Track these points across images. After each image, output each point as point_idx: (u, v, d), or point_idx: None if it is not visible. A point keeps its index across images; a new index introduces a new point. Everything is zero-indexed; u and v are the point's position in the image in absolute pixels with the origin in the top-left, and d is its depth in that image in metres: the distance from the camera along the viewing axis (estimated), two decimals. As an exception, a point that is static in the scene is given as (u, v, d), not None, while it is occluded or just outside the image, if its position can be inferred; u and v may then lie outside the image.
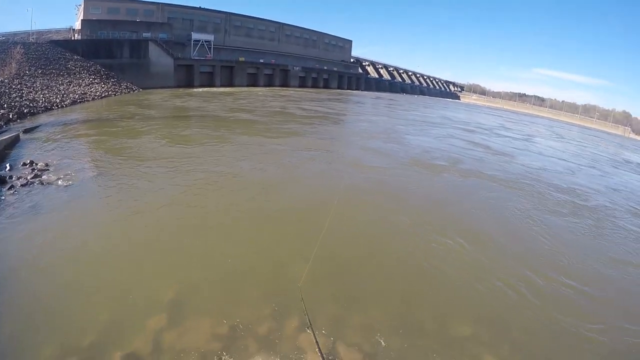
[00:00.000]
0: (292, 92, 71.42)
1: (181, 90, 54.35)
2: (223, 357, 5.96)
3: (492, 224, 13.07)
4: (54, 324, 6.54)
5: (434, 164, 21.09)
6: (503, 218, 13.56)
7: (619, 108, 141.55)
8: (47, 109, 27.51)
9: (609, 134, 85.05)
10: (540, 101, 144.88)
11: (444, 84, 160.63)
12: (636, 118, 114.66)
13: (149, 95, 44.66)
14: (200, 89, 58.76)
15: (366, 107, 61.46)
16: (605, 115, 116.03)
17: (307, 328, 6.07)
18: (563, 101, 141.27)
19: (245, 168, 16.56)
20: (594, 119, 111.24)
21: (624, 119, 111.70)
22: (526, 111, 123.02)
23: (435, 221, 12.47)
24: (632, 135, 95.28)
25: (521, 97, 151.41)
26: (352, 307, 7.72)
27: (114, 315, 6.80)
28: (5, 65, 32.36)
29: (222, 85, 68.78)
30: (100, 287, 7.69)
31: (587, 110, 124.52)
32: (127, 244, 9.45)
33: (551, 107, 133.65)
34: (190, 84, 62.73)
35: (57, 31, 61.60)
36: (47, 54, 42.54)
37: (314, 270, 8.40)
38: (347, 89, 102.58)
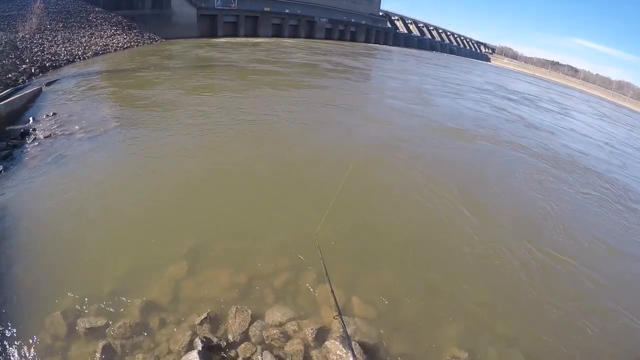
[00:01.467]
0: (318, 44, 70.02)
1: (204, 40, 53.60)
2: (240, 307, 5.96)
3: (519, 199, 12.67)
4: (75, 273, 6.66)
5: (459, 129, 20.44)
6: (532, 196, 12.98)
7: None
8: (69, 62, 27.47)
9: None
10: (573, 71, 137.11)
11: (475, 44, 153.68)
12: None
13: (172, 45, 44.24)
14: (224, 39, 57.91)
15: (394, 62, 59.97)
16: (639, 94, 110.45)
17: (325, 277, 6.00)
18: (597, 74, 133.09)
19: (267, 121, 16.35)
20: (628, 97, 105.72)
21: None
22: (558, 80, 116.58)
23: (458, 190, 12.05)
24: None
25: (554, 66, 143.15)
26: (367, 265, 7.66)
27: (134, 265, 6.89)
28: (26, 21, 32.22)
29: (246, 36, 67.70)
30: (120, 237, 7.79)
31: (621, 87, 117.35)
32: (147, 195, 9.50)
33: (584, 79, 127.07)
34: (213, 34, 61.85)
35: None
36: (68, 7, 42.17)
37: (331, 224, 8.28)
38: (375, 43, 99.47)
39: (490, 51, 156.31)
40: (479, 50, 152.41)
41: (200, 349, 5.10)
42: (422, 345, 6.06)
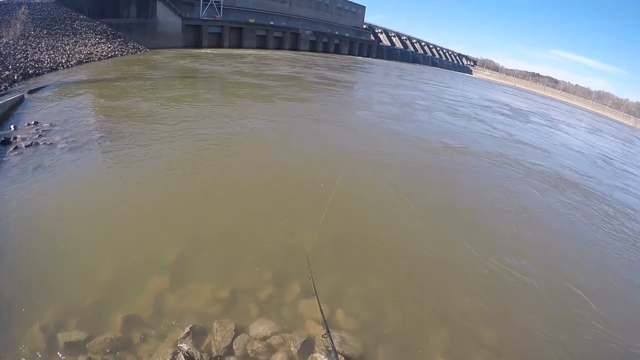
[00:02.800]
0: (301, 55, 70.37)
1: (189, 50, 53.59)
2: (224, 321, 5.95)
3: (505, 207, 12.98)
4: (56, 285, 6.56)
5: (447, 145, 20.79)
6: (524, 204, 13.32)
7: (633, 99, 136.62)
8: (52, 69, 27.21)
9: (619, 123, 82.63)
10: (553, 82, 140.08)
11: (457, 57, 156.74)
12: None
13: (156, 55, 44.07)
14: (209, 50, 57.93)
15: (376, 76, 60.47)
16: (617, 104, 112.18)
17: (313, 295, 6.05)
18: (577, 85, 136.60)
19: (254, 132, 16.43)
20: (607, 107, 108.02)
21: (637, 110, 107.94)
22: (538, 92, 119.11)
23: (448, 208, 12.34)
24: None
25: (534, 77, 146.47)
26: (351, 276, 7.71)
27: (116, 277, 6.81)
28: (10, 27, 31.97)
29: (230, 47, 67.83)
30: (102, 248, 7.67)
31: (601, 97, 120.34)
32: (129, 206, 9.41)
33: (564, 89, 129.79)
34: (198, 45, 61.85)
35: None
36: (53, 14, 41.90)
37: (319, 239, 8.29)
38: (358, 55, 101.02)
39: (472, 63, 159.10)
40: (461, 63, 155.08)
41: (183, 364, 5.07)
42: (407, 355, 6.09)
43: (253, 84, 30.66)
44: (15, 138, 12.48)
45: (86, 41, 39.97)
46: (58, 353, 5.29)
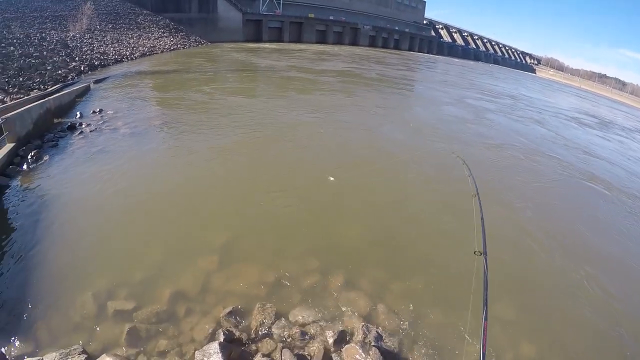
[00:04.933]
0: (360, 50, 70.09)
1: (249, 44, 54.56)
2: (266, 304, 6.02)
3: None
4: (110, 259, 6.92)
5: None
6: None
7: None
8: (117, 61, 28.60)
9: None
10: (620, 85, 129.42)
11: (520, 55, 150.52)
12: None
13: (217, 49, 45.17)
14: (268, 45, 58.77)
15: (439, 73, 59.16)
16: None
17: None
18: None
19: (312, 124, 16.53)
20: None
21: None
22: (605, 94, 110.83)
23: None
24: None
25: (601, 78, 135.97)
26: (395, 272, 7.57)
27: (167, 255, 7.09)
28: (77, 21, 33.69)
29: (290, 41, 68.70)
30: (156, 228, 8.06)
31: None
32: (184, 190, 9.75)
33: (632, 92, 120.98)
34: (258, 39, 63.00)
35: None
36: (117, 9, 44.02)
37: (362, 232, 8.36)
38: (419, 51, 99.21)
39: (535, 62, 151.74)
40: (524, 61, 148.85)
41: (222, 340, 5.17)
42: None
43: (313, 80, 30.76)
44: (80, 124, 13.22)
45: (149, 35, 41.59)
46: (106, 319, 5.57)
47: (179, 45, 42.47)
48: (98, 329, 5.41)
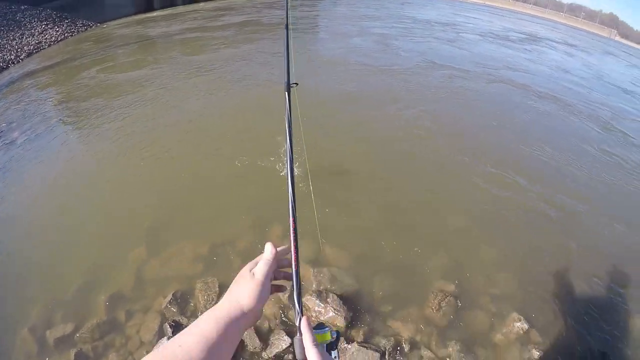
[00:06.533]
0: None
1: (140, 16, 51.69)
2: (206, 279, 5.78)
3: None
4: (34, 285, 6.31)
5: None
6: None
7: (606, 9, 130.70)
8: (3, 69, 26.24)
9: (594, 34, 79.72)
10: None
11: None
12: (623, 22, 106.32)
13: (107, 28, 42.53)
14: (161, 12, 55.88)
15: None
16: (591, 16, 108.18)
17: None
18: None
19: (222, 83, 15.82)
20: (580, 19, 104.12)
21: (610, 21, 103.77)
22: (508, 7, 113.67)
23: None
24: (618, 38, 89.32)
25: None
26: (338, 209, 7.47)
27: (91, 262, 6.57)
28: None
29: (185, 3, 65.43)
30: (72, 237, 7.40)
31: (573, 10, 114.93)
32: (95, 183, 9.04)
33: (535, 4, 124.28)
34: (149, 8, 59.51)
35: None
36: (-8, 11, 40.16)
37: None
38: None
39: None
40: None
41: (171, 334, 4.93)
42: (405, 283, 5.95)
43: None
44: (-30, 146, 12.04)
45: (32, 31, 38.19)
46: (50, 351, 5.18)
47: (66, 35, 39.26)
48: (45, 364, 5.01)
